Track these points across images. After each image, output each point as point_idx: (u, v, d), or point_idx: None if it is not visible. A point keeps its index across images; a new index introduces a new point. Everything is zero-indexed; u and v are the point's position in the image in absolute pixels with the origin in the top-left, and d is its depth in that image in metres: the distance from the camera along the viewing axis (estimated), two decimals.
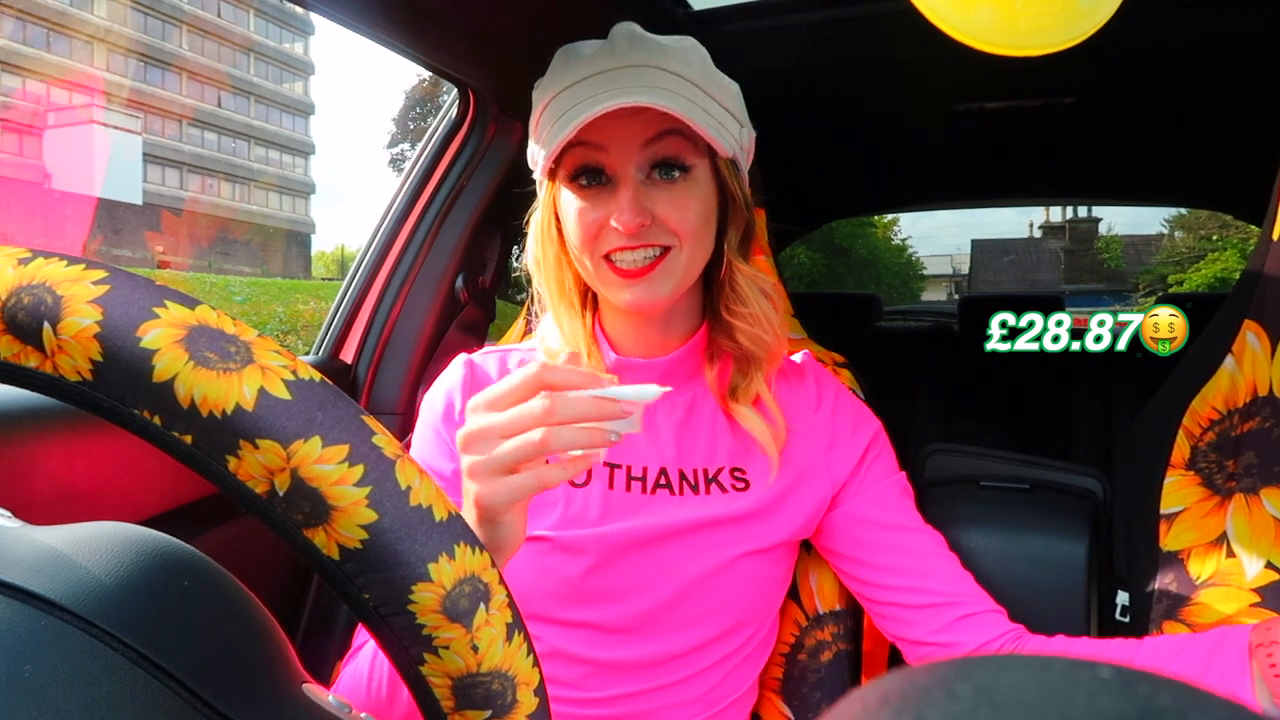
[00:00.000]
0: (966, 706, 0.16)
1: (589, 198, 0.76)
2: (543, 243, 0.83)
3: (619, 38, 0.76)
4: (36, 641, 0.28)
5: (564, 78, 0.76)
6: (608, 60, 0.75)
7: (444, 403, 0.84)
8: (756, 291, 0.81)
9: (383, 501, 0.30)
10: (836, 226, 12.90)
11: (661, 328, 0.84)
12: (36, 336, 0.30)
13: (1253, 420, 0.78)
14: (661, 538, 0.79)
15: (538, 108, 0.79)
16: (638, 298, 0.76)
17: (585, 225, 0.76)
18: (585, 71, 0.75)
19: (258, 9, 42.58)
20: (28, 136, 33.14)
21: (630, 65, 0.74)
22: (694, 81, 0.75)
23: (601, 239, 0.76)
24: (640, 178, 0.75)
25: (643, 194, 0.75)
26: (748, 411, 0.83)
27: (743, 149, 0.81)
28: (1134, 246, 29.86)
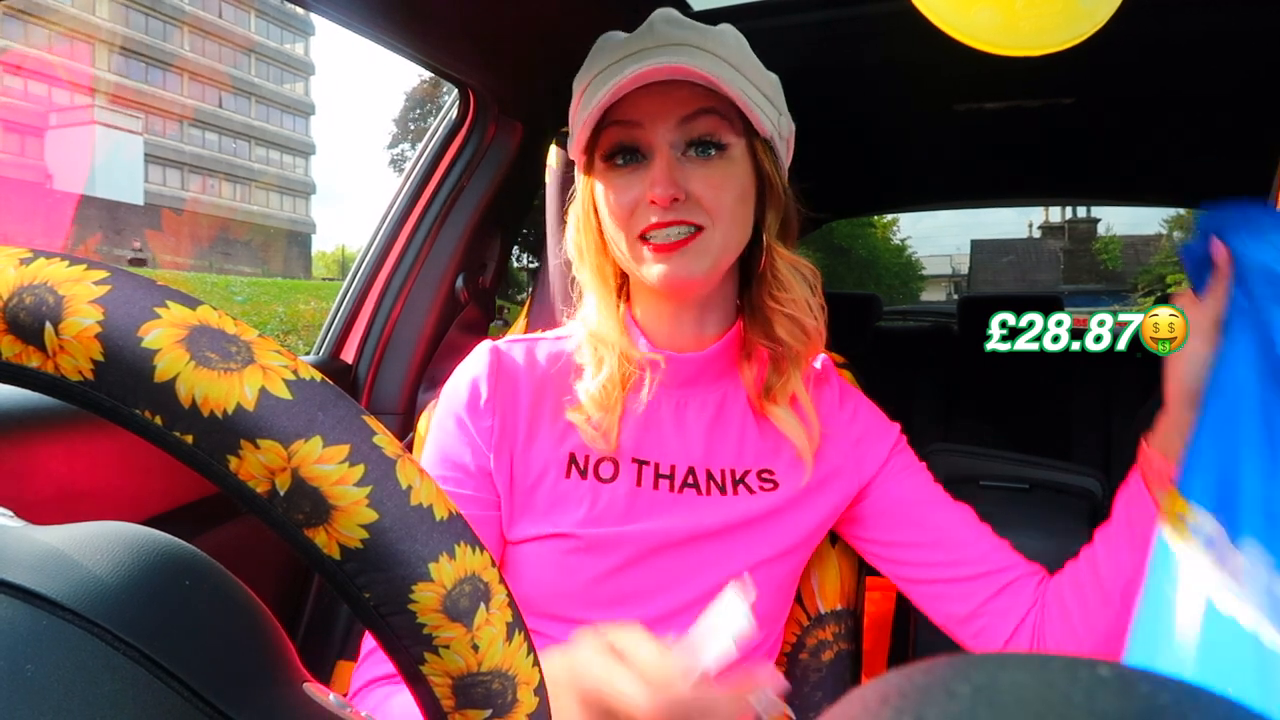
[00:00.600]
0: (965, 705, 0.16)
1: (625, 176, 0.75)
2: (582, 231, 0.81)
3: (657, 21, 0.76)
4: (38, 641, 0.28)
5: (599, 61, 0.76)
6: (644, 40, 0.74)
7: (469, 391, 0.81)
8: (799, 278, 0.80)
9: (383, 501, 0.30)
10: (836, 226, 12.94)
11: (696, 318, 0.82)
12: (38, 336, 0.30)
13: None
14: (687, 541, 0.78)
15: (575, 96, 0.79)
16: (671, 273, 0.74)
17: (621, 204, 0.75)
18: (622, 53, 0.74)
19: (258, 10, 42.60)
20: (29, 137, 33.15)
21: (667, 44, 0.74)
22: (732, 63, 0.74)
23: (636, 216, 0.75)
24: (676, 154, 0.74)
25: (677, 169, 0.74)
26: (783, 413, 0.82)
27: (781, 136, 0.80)
28: (1133, 247, 29.87)
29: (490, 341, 0.85)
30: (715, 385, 0.84)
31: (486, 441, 0.79)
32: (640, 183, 0.74)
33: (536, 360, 0.84)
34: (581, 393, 0.80)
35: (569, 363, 0.84)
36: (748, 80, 0.75)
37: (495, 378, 0.81)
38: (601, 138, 0.76)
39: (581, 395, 0.80)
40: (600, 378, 0.79)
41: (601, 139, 0.76)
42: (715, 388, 0.84)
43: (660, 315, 0.82)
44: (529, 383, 0.82)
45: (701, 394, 0.83)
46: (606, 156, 0.76)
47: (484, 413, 0.80)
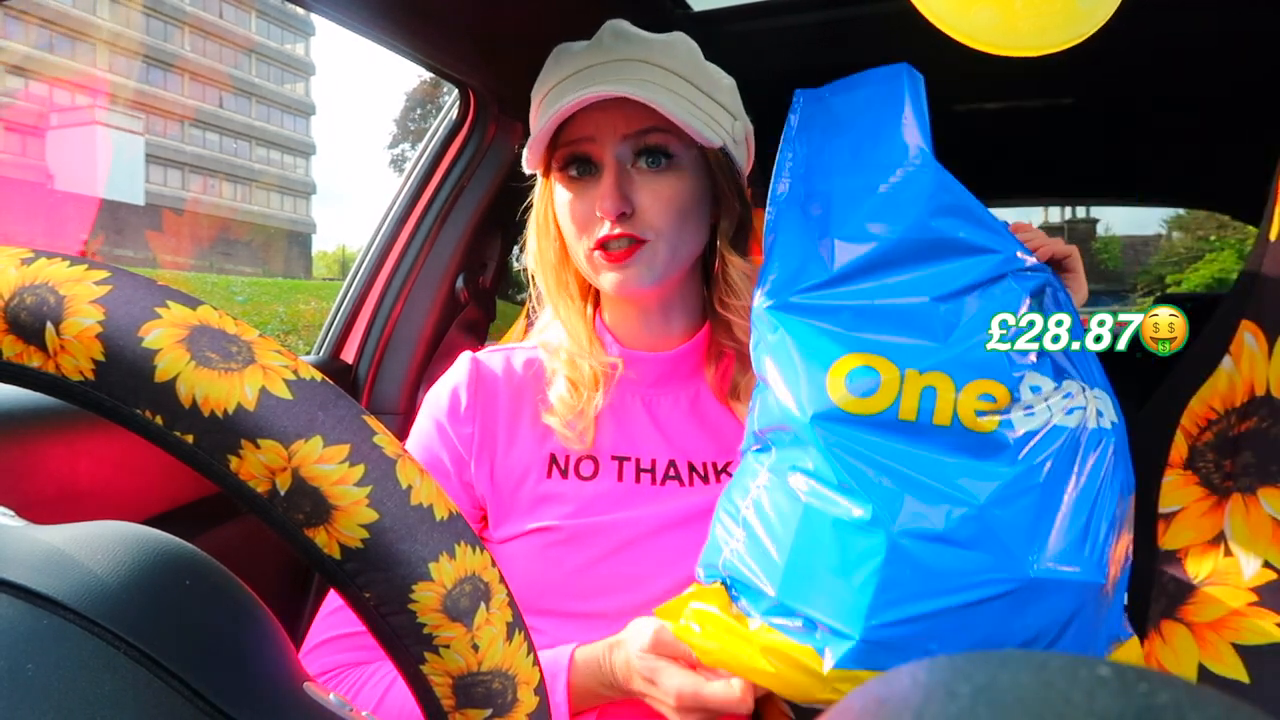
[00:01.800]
0: (965, 705, 0.16)
1: (579, 188, 0.78)
2: (540, 239, 0.84)
3: (606, 34, 0.78)
4: (39, 640, 0.28)
5: (553, 75, 0.78)
6: (594, 56, 0.77)
7: (450, 399, 0.84)
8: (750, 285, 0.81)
9: (383, 501, 0.30)
10: None
11: (662, 320, 0.85)
12: (39, 336, 0.30)
13: (1250, 420, 0.78)
14: (672, 525, 0.79)
15: (532, 106, 0.82)
16: (621, 282, 0.77)
17: (576, 215, 0.78)
18: (572, 68, 0.77)
19: (259, 10, 42.61)
20: (31, 137, 33.17)
21: (615, 60, 0.76)
22: (680, 74, 0.77)
23: (590, 229, 0.77)
24: (625, 165, 0.77)
25: (625, 181, 0.77)
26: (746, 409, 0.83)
27: (736, 141, 0.81)
28: (1132, 247, 29.87)
29: (469, 353, 0.88)
30: (687, 383, 0.86)
31: (467, 448, 0.82)
32: (593, 195, 0.77)
33: (514, 368, 0.86)
34: (554, 397, 0.83)
35: (543, 368, 0.86)
36: (698, 90, 0.77)
37: (475, 386, 0.84)
38: (556, 150, 0.79)
39: (554, 399, 0.82)
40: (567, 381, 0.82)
41: (557, 152, 0.79)
42: (687, 385, 0.86)
43: (627, 317, 0.85)
44: (507, 389, 0.85)
45: (674, 391, 0.86)
46: (562, 167, 0.79)
47: (464, 420, 0.82)
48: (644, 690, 0.69)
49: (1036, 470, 0.61)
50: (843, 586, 0.60)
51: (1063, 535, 0.61)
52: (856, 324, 0.65)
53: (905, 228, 0.65)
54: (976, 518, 0.60)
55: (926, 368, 0.63)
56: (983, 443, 0.62)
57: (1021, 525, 0.60)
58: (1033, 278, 0.66)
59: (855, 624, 0.59)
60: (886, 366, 0.63)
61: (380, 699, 0.72)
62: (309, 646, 0.77)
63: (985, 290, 0.64)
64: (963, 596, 0.59)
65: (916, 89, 0.69)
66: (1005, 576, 0.59)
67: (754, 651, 0.63)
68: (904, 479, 0.62)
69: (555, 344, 0.85)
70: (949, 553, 0.59)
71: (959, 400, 0.62)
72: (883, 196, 0.66)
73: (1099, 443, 0.64)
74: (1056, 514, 0.61)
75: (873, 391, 0.63)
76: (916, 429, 0.63)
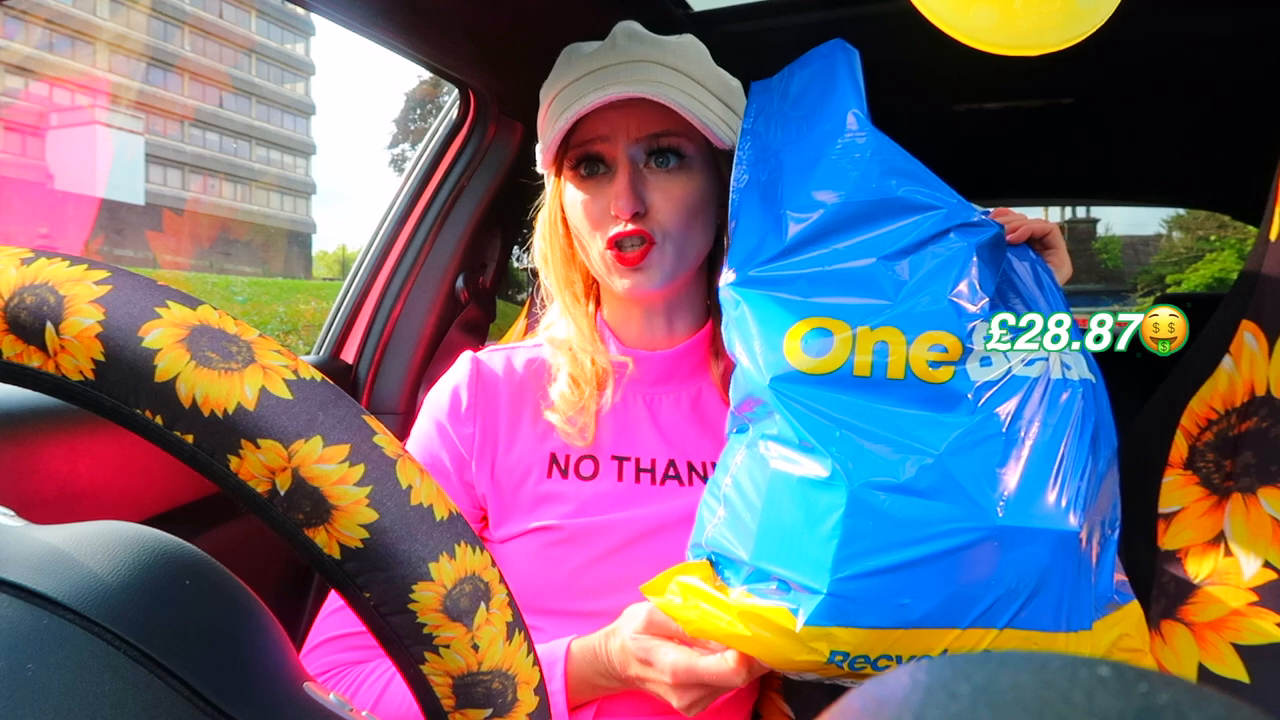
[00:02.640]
0: (966, 705, 0.16)
1: (591, 187, 0.79)
2: (549, 237, 0.84)
3: (619, 35, 0.79)
4: (39, 640, 0.28)
5: (565, 75, 0.79)
6: (607, 57, 0.77)
7: (450, 398, 0.84)
8: None
9: (383, 501, 0.30)
10: None
11: (665, 321, 0.86)
12: (39, 336, 0.30)
13: (1250, 420, 0.78)
14: (671, 524, 0.79)
15: (542, 106, 0.82)
16: (632, 285, 0.78)
17: (588, 213, 0.78)
18: (585, 68, 0.77)
19: (259, 10, 42.61)
20: (31, 137, 33.18)
21: (628, 60, 0.77)
22: (692, 76, 0.77)
23: (602, 227, 0.78)
24: (638, 164, 0.78)
25: (639, 179, 0.77)
26: None
27: None
28: (1132, 247, 29.87)
29: (470, 352, 0.88)
30: (689, 381, 0.86)
31: (468, 448, 0.82)
32: (605, 193, 0.78)
33: (514, 367, 0.87)
34: (555, 394, 0.83)
35: (544, 366, 0.86)
36: (709, 93, 0.78)
37: (476, 386, 0.84)
38: (569, 149, 0.79)
39: (555, 397, 0.83)
40: (570, 377, 0.83)
41: (569, 151, 0.79)
42: (689, 383, 0.86)
43: (630, 317, 0.86)
44: (508, 389, 0.85)
45: (675, 390, 0.86)
46: (574, 166, 0.80)
47: (465, 420, 0.83)
48: (640, 674, 0.69)
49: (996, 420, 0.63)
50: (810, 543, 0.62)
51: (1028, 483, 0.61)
52: (810, 290, 0.67)
53: (849, 192, 0.67)
54: (936, 467, 0.61)
55: (877, 324, 0.64)
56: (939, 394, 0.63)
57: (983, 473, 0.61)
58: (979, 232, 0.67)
59: (822, 578, 0.60)
60: (840, 326, 0.65)
61: (378, 698, 0.72)
62: (309, 646, 0.77)
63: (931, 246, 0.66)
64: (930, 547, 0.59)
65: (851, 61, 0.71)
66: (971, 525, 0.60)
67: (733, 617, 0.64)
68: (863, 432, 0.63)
69: (560, 339, 0.86)
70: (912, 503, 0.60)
71: (910, 353, 0.64)
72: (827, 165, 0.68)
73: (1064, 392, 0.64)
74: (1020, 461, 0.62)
75: (827, 351, 0.65)
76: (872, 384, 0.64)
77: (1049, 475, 0.62)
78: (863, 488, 0.61)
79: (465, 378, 0.85)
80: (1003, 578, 0.60)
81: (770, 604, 0.63)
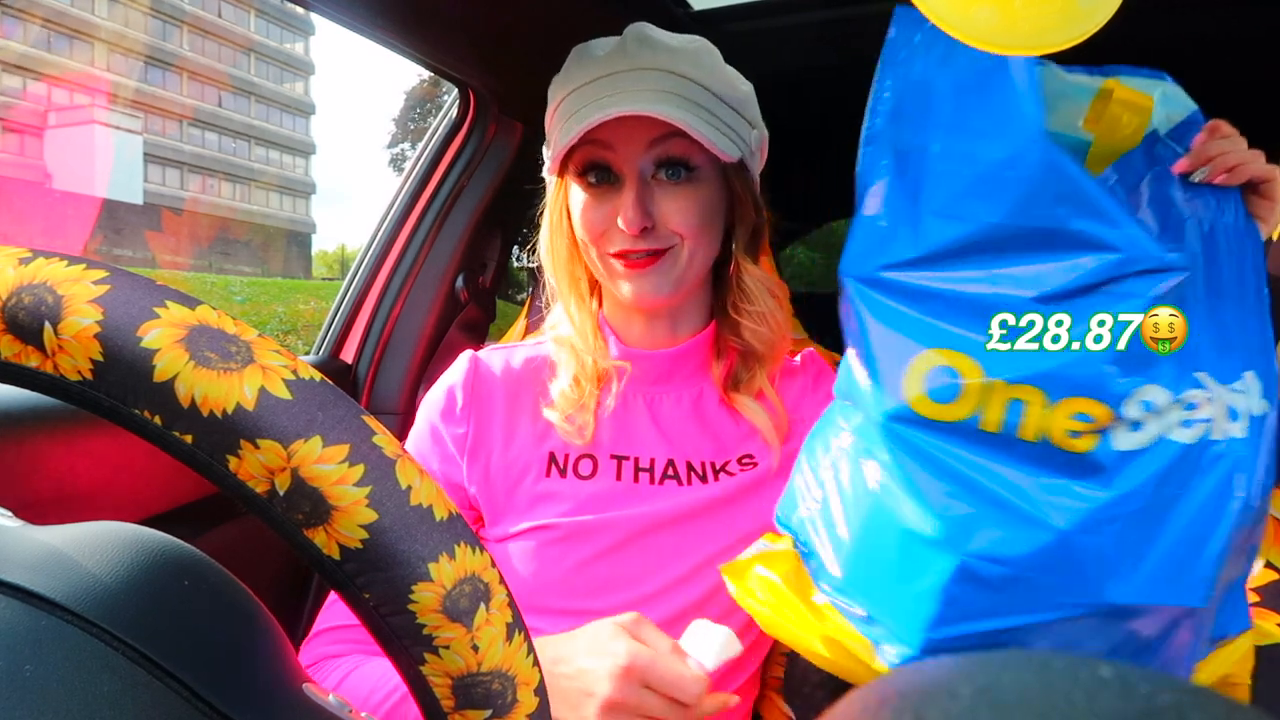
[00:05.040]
0: (966, 705, 0.16)
1: (596, 195, 0.78)
2: (554, 236, 0.84)
3: (630, 39, 0.77)
4: (37, 641, 0.28)
5: (575, 77, 0.78)
6: (617, 62, 0.76)
7: (445, 399, 0.84)
8: (763, 291, 0.83)
9: (383, 501, 0.30)
10: (836, 226, 12.86)
11: (669, 323, 0.86)
12: (37, 336, 0.30)
13: None
14: (669, 523, 0.79)
15: (551, 105, 0.81)
16: (640, 291, 0.78)
17: (592, 222, 0.78)
18: (595, 73, 0.76)
19: (258, 9, 42.60)
20: (29, 136, 33.16)
21: (638, 68, 0.75)
22: (702, 84, 0.76)
23: (608, 237, 0.78)
24: (646, 177, 0.77)
25: (647, 194, 0.76)
26: (749, 402, 0.84)
27: (753, 150, 0.82)
28: None
29: (470, 351, 0.88)
30: (689, 381, 0.86)
31: (460, 449, 0.82)
32: (611, 204, 0.77)
33: (514, 366, 0.87)
34: (555, 392, 0.83)
35: (544, 364, 0.86)
36: (719, 100, 0.77)
37: (472, 385, 0.84)
38: (575, 155, 0.78)
39: (555, 394, 0.83)
40: (572, 375, 0.83)
41: (575, 156, 0.78)
42: (690, 383, 0.86)
43: (631, 319, 0.86)
44: (506, 387, 0.85)
45: (676, 390, 0.86)
46: (580, 173, 0.79)
47: (459, 420, 0.83)
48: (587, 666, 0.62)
49: (1135, 496, 0.54)
50: (906, 595, 0.56)
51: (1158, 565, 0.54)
52: (944, 313, 0.58)
53: (1010, 212, 0.56)
54: (1058, 544, 0.54)
55: (1016, 378, 0.55)
56: (1074, 462, 0.55)
57: (1108, 555, 0.54)
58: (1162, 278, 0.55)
59: (914, 636, 0.56)
60: (971, 369, 0.56)
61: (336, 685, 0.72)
62: (309, 636, 0.78)
63: (1099, 293, 0.56)
64: (1032, 617, 0.54)
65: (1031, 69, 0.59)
66: (1085, 602, 0.54)
67: (812, 633, 0.61)
68: (980, 495, 0.56)
69: (564, 337, 0.86)
70: (1022, 578, 0.54)
71: (1050, 418, 0.55)
72: (988, 174, 0.57)
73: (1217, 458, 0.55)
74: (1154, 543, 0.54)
75: (952, 398, 0.56)
76: (999, 441, 0.56)
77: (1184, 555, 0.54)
78: (972, 558, 0.54)
79: (461, 377, 0.85)
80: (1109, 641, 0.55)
81: (854, 630, 0.60)
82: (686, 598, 0.78)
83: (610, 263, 0.78)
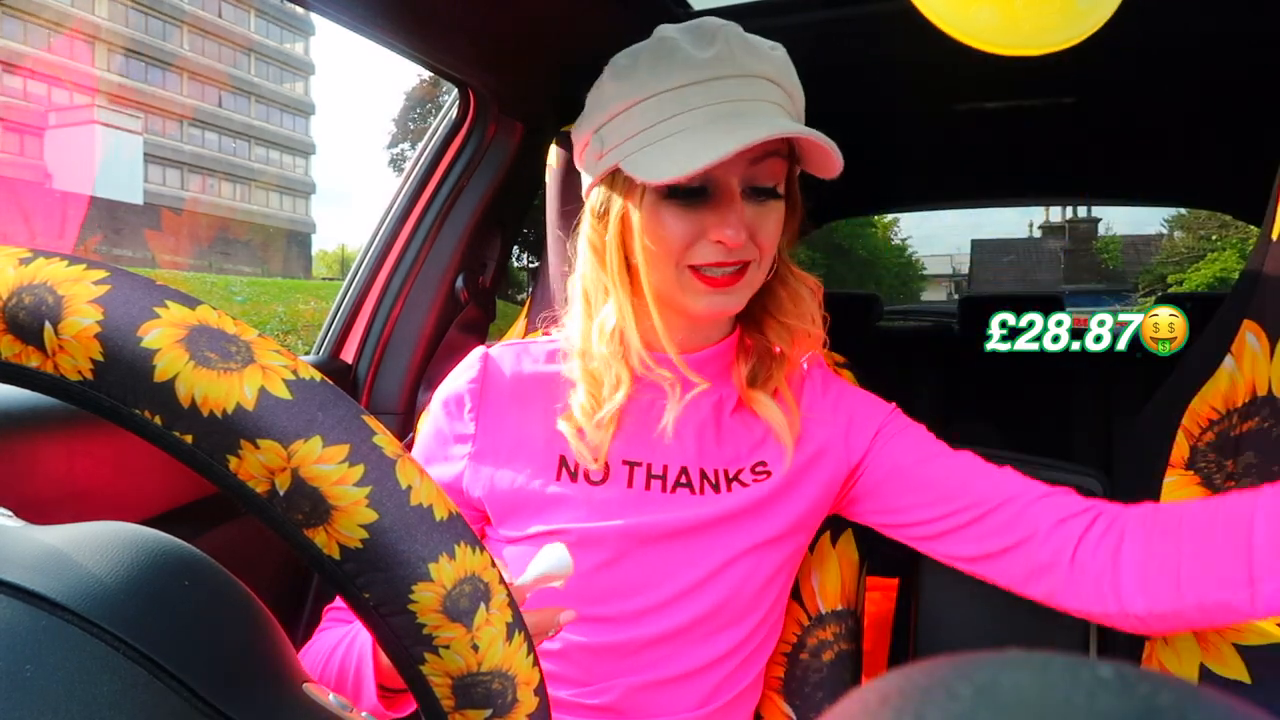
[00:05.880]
0: (966, 706, 0.16)
1: (686, 209, 0.74)
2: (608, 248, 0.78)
3: (732, 38, 0.73)
4: (37, 641, 0.28)
5: (664, 77, 0.72)
6: (721, 66, 0.72)
7: (453, 398, 0.83)
8: (807, 290, 0.83)
9: (383, 501, 0.30)
10: (837, 226, 12.82)
11: (706, 331, 0.84)
12: (38, 336, 0.30)
13: (1252, 420, 0.78)
14: (681, 532, 0.78)
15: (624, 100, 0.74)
16: (718, 305, 0.77)
17: (677, 236, 0.74)
18: (693, 74, 0.72)
19: (258, 9, 42.59)
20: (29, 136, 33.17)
21: (743, 75, 0.73)
22: (796, 94, 0.77)
23: (694, 250, 0.75)
24: (741, 194, 0.74)
25: (744, 210, 0.74)
26: (766, 400, 0.83)
27: None
28: (1133, 246, 29.88)
29: (483, 348, 0.86)
30: (713, 385, 0.83)
31: (466, 447, 0.81)
32: (702, 220, 0.74)
33: (528, 364, 0.85)
34: (575, 406, 0.80)
35: (559, 364, 0.84)
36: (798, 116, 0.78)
37: (482, 384, 0.83)
38: None
39: (575, 409, 0.80)
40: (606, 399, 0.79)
41: None
42: (712, 387, 0.83)
43: (671, 327, 0.78)
44: (518, 387, 0.83)
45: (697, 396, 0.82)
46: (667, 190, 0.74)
47: (466, 420, 0.82)
48: None
49: None
50: None
51: None
52: None
53: None
54: None
55: None
56: None
57: None
58: None
59: None
60: None
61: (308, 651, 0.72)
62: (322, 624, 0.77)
63: None
64: None
65: None
66: None
67: None
68: None
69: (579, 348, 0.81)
70: None
71: None
72: None
73: None
74: None
75: None
76: None
77: None
78: None
79: (471, 375, 0.83)
80: None
81: None
82: (697, 608, 0.78)
83: (688, 276, 0.75)
